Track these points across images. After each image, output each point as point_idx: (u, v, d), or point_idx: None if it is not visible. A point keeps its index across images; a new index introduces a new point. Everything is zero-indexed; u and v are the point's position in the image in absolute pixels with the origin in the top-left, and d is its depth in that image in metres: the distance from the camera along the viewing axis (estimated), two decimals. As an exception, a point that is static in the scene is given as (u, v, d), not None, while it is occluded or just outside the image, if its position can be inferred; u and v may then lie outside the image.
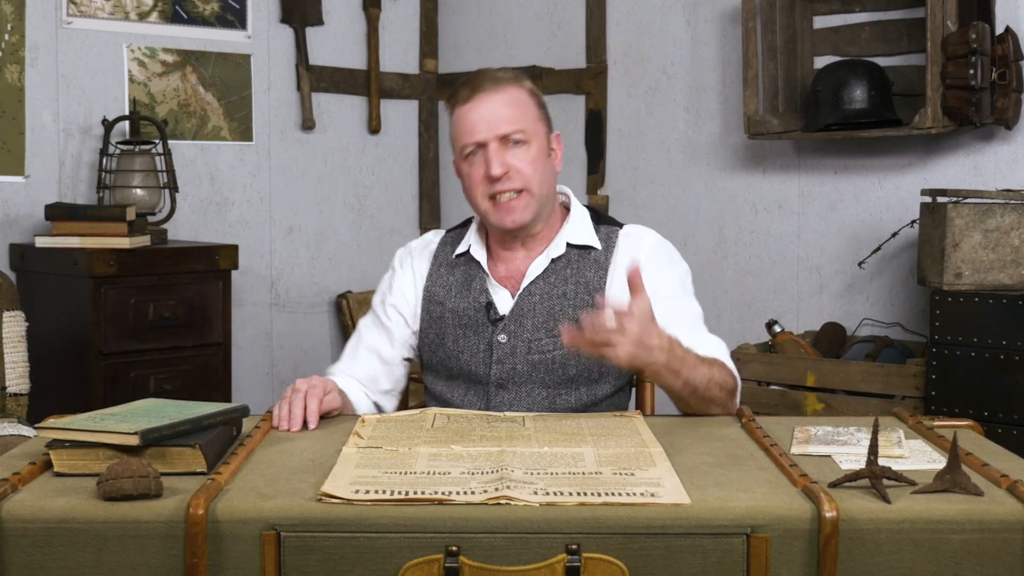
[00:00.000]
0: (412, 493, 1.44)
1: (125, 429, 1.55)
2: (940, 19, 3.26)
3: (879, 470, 1.47)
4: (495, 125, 2.10)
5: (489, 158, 2.10)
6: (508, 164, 2.10)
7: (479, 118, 2.11)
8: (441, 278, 2.23)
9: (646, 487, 1.48)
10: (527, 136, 2.12)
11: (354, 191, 4.57)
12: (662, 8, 4.16)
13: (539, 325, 2.13)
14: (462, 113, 2.13)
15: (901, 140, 3.58)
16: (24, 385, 3.11)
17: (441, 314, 2.20)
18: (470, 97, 2.12)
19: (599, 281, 2.15)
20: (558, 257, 2.17)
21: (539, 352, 2.12)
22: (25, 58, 3.71)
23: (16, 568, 1.39)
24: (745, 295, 4.01)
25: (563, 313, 2.13)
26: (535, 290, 2.15)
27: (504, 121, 2.11)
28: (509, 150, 2.11)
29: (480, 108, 2.11)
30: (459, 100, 2.14)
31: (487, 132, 2.10)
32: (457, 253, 2.24)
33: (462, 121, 2.14)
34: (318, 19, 4.42)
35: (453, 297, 2.20)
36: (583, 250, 2.18)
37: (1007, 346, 3.02)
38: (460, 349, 2.17)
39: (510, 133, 2.11)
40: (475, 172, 2.13)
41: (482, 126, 2.11)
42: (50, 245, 3.51)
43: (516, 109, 2.13)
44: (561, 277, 2.16)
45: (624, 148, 4.28)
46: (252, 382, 4.22)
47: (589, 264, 2.17)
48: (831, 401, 3.36)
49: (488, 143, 2.10)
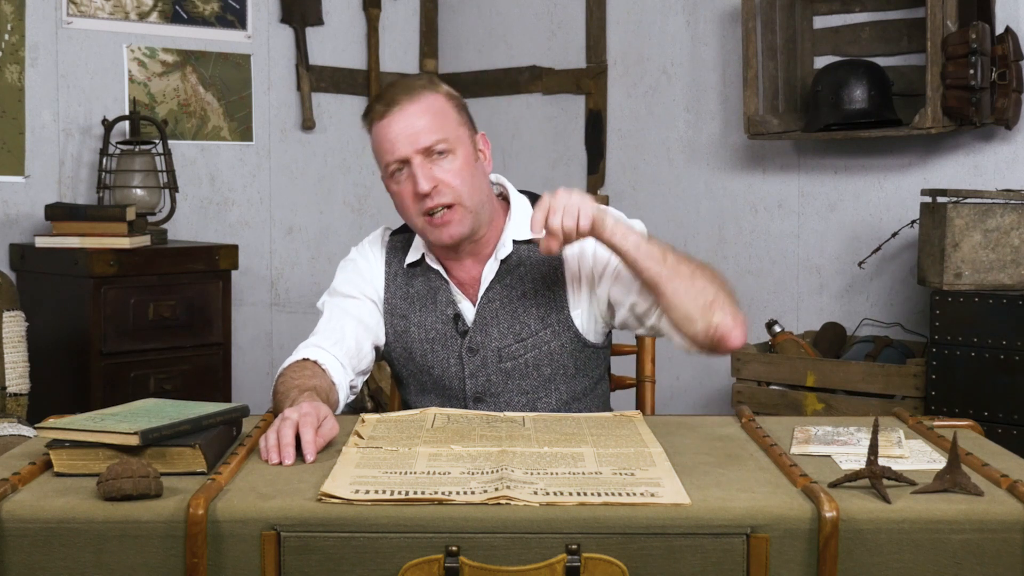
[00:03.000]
0: (412, 493, 1.44)
1: (125, 429, 1.55)
2: (940, 19, 3.26)
3: (879, 470, 1.47)
4: (415, 138, 2.01)
5: (415, 174, 2.01)
6: (435, 178, 2.01)
7: (398, 133, 2.02)
8: (400, 289, 2.15)
9: (646, 487, 1.48)
10: (450, 144, 2.03)
11: (354, 191, 4.57)
12: (662, 8, 4.16)
13: (505, 332, 2.08)
14: (380, 130, 2.04)
15: (901, 140, 3.59)
16: (24, 385, 3.11)
17: (406, 328, 2.13)
18: (385, 112, 2.03)
19: (555, 273, 2.09)
20: (507, 257, 2.10)
21: (510, 359, 2.08)
22: (25, 58, 3.72)
23: (16, 568, 1.39)
24: (745, 295, 4.00)
25: (527, 314, 2.08)
26: (494, 296, 2.09)
27: (424, 132, 2.01)
28: (435, 163, 2.02)
29: (398, 122, 2.02)
30: (375, 116, 2.05)
31: (408, 147, 2.01)
32: (409, 262, 2.15)
33: (382, 139, 2.04)
34: (318, 19, 4.42)
35: (418, 311, 2.12)
36: (530, 243, 2.09)
37: (1007, 346, 3.02)
38: (430, 364, 2.11)
39: (432, 144, 2.01)
40: (404, 190, 2.04)
41: (402, 141, 2.01)
42: (50, 245, 3.51)
43: (434, 118, 2.03)
44: (516, 277, 2.09)
45: (624, 148, 4.28)
46: (252, 382, 4.22)
47: (540, 256, 2.09)
48: (831, 401, 3.37)
49: (411, 159, 2.01)
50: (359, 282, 2.17)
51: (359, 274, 2.18)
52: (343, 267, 2.21)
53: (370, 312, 2.14)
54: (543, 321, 2.09)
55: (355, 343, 2.09)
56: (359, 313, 2.13)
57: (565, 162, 4.40)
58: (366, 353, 2.12)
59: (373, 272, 2.18)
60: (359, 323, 2.12)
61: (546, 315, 2.08)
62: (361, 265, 2.19)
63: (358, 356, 2.10)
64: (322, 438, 1.68)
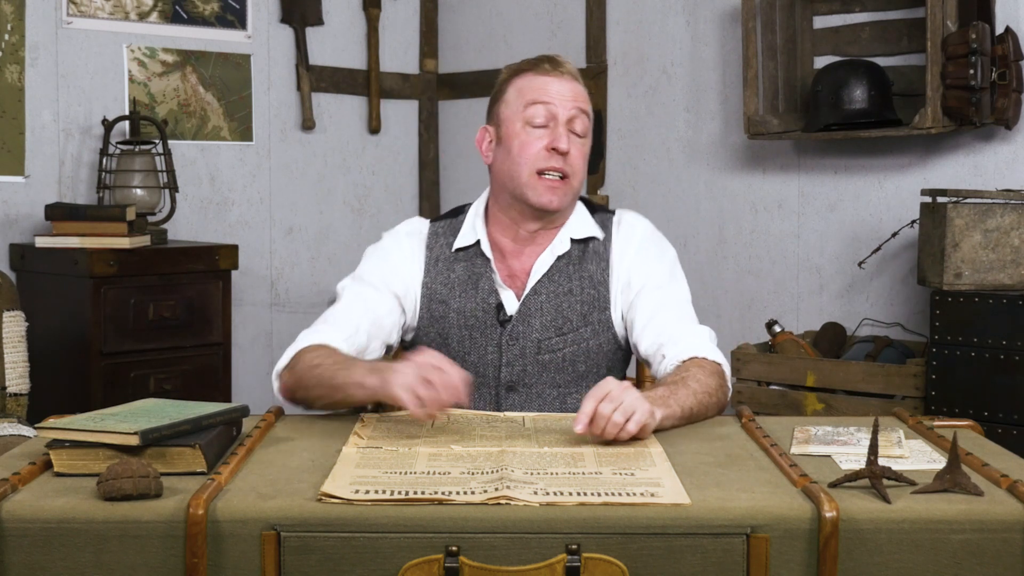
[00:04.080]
0: (412, 493, 1.44)
1: (125, 429, 1.55)
2: (940, 19, 3.26)
3: (879, 470, 1.47)
4: (576, 102, 2.10)
5: (560, 132, 2.08)
6: (570, 148, 2.09)
7: (561, 90, 2.10)
8: (440, 274, 2.16)
9: (646, 487, 1.48)
10: (586, 131, 2.13)
11: (354, 191, 4.57)
12: (662, 8, 4.16)
13: (547, 324, 2.11)
14: (539, 79, 2.11)
15: (901, 140, 3.58)
16: (24, 385, 3.11)
17: (444, 313, 2.14)
18: (551, 71, 2.11)
19: (602, 273, 2.15)
20: (563, 254, 2.15)
21: (549, 352, 2.10)
22: (25, 58, 3.72)
23: (16, 568, 1.39)
24: (745, 295, 4.01)
25: (571, 310, 2.12)
26: (541, 289, 2.13)
27: (583, 103, 2.11)
28: (572, 135, 2.10)
29: (564, 83, 2.10)
30: (537, 69, 2.12)
31: (568, 104, 2.09)
32: (460, 246, 2.16)
33: (539, 87, 2.11)
34: (318, 19, 4.42)
35: (458, 296, 2.14)
36: (583, 243, 2.17)
37: (1007, 346, 3.02)
38: (467, 351, 2.12)
39: (582, 116, 2.10)
40: (532, 139, 2.09)
41: (565, 97, 2.09)
42: (50, 245, 3.50)
43: (586, 103, 2.14)
44: (565, 274, 2.14)
45: (624, 148, 4.28)
46: (252, 382, 4.22)
47: (590, 256, 2.15)
48: (831, 401, 3.37)
49: (560, 117, 2.08)
50: (386, 273, 2.15)
51: (388, 263, 2.16)
52: (372, 253, 2.20)
53: (389, 310, 2.12)
54: (585, 319, 2.12)
55: (366, 340, 2.08)
56: (377, 309, 2.11)
57: (565, 162, 4.39)
58: (373, 351, 2.10)
59: (406, 261, 2.16)
60: (374, 322, 2.10)
61: (589, 312, 2.12)
62: (393, 254, 2.17)
63: (365, 350, 2.08)
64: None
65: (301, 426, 1.88)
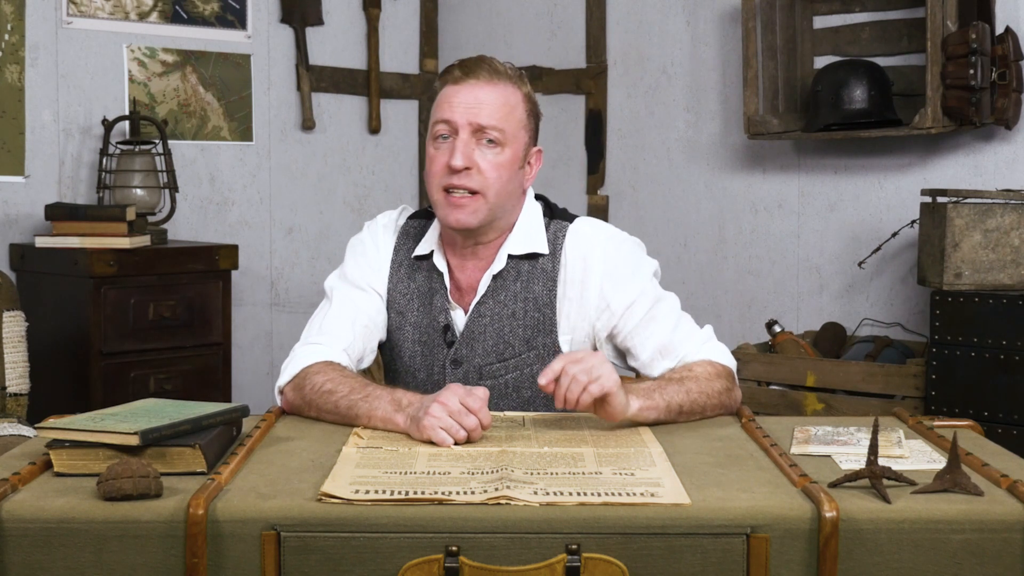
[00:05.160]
0: (412, 493, 1.44)
1: (125, 429, 1.55)
2: (940, 19, 3.26)
3: (879, 470, 1.47)
4: (475, 112, 1.96)
5: (455, 147, 1.96)
6: (474, 161, 1.96)
7: (462, 100, 1.97)
8: (402, 282, 2.11)
9: (646, 487, 1.48)
10: (503, 138, 1.98)
11: (354, 191, 4.57)
12: (662, 8, 4.16)
13: (489, 350, 2.04)
14: (448, 91, 2.00)
15: (901, 140, 3.59)
16: (24, 385, 3.11)
17: (401, 325, 2.10)
18: (461, 79, 1.99)
19: (548, 295, 2.04)
20: (501, 272, 2.05)
21: (491, 377, 2.04)
22: (25, 58, 3.71)
23: (16, 568, 1.39)
24: (745, 295, 4.01)
25: (513, 334, 2.03)
26: (484, 311, 2.05)
27: (486, 112, 1.97)
28: (481, 146, 1.97)
29: (468, 92, 1.98)
30: (449, 78, 2.01)
31: (463, 116, 1.96)
32: (419, 254, 2.10)
33: (444, 99, 2.00)
34: (318, 19, 4.42)
35: (415, 310, 2.09)
36: (530, 259, 2.05)
37: (1007, 346, 3.02)
38: (416, 367, 2.09)
39: (486, 127, 1.96)
40: (438, 157, 1.99)
41: (462, 109, 1.97)
42: (50, 245, 3.50)
43: (503, 107, 1.98)
44: (510, 294, 2.04)
45: (624, 148, 4.28)
46: (252, 382, 4.22)
47: (537, 275, 2.04)
48: (831, 401, 3.37)
49: (460, 129, 1.97)
50: (367, 271, 2.12)
51: (367, 259, 2.13)
52: (354, 248, 2.17)
53: (378, 309, 2.10)
54: (528, 344, 2.05)
55: (363, 346, 2.06)
56: (368, 311, 2.09)
57: (565, 162, 4.40)
58: (368, 353, 2.10)
59: (380, 261, 2.13)
60: (367, 325, 2.07)
61: (533, 337, 2.04)
62: (370, 251, 2.14)
63: (362, 359, 2.08)
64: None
65: (301, 426, 1.88)
